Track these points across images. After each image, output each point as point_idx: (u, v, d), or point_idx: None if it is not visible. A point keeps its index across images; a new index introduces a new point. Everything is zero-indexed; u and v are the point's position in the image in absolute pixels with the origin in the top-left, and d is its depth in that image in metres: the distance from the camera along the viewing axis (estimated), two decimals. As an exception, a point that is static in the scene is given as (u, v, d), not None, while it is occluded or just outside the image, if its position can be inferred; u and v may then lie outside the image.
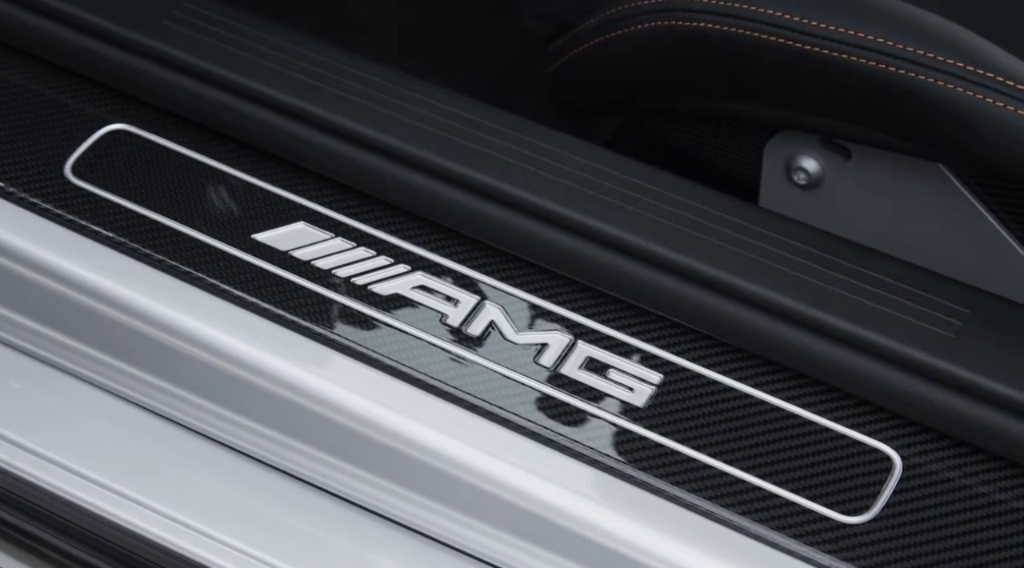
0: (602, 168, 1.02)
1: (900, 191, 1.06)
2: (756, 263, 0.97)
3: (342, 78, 1.06)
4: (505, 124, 1.04)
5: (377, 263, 1.01)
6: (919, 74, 0.97)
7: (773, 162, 1.10)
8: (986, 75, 0.96)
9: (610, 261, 0.98)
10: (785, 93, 1.05)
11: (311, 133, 1.04)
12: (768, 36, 1.02)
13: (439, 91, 1.06)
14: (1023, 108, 0.95)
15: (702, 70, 1.08)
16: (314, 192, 1.04)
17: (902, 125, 1.01)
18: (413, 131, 1.03)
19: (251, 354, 0.98)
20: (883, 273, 0.96)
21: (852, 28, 0.99)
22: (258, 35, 1.09)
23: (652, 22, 1.07)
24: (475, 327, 0.98)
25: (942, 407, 0.91)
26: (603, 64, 1.13)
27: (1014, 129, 0.95)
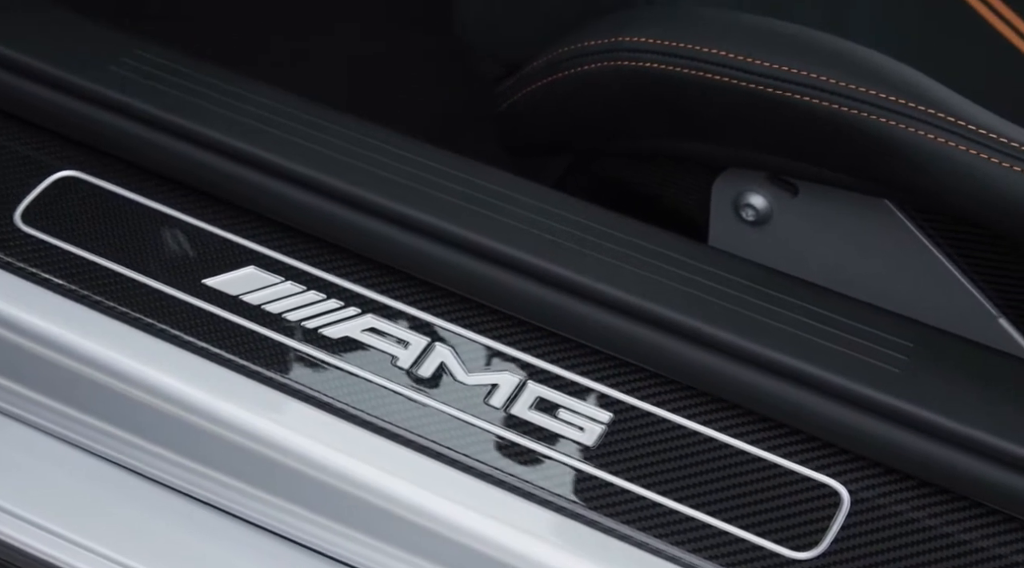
0: (550, 208, 1.03)
1: (847, 226, 1.07)
2: (703, 301, 0.98)
3: (292, 122, 1.06)
4: (454, 166, 1.05)
5: (327, 306, 1.01)
6: (862, 111, 0.98)
7: (721, 199, 1.11)
8: (927, 111, 0.97)
9: (559, 301, 0.99)
10: (731, 131, 1.06)
11: (261, 177, 1.04)
12: (713, 75, 1.03)
13: (388, 134, 1.07)
14: (963, 143, 0.96)
15: (649, 109, 1.09)
16: (264, 236, 1.05)
17: (846, 162, 1.02)
18: (362, 174, 1.03)
19: (202, 399, 0.98)
20: (829, 309, 0.97)
21: (796, 66, 1.00)
22: (208, 80, 1.10)
23: (599, 62, 1.08)
24: (425, 369, 0.99)
25: (888, 442, 0.91)
26: (551, 104, 1.14)
27: (955, 164, 0.96)
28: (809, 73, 1.00)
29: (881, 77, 0.99)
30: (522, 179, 1.06)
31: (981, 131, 0.96)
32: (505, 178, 1.05)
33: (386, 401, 0.97)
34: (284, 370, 0.99)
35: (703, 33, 1.05)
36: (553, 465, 0.94)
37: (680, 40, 1.05)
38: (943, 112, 0.97)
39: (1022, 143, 0.96)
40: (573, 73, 1.10)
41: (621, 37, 1.08)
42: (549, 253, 0.99)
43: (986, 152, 0.95)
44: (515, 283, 0.99)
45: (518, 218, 1.02)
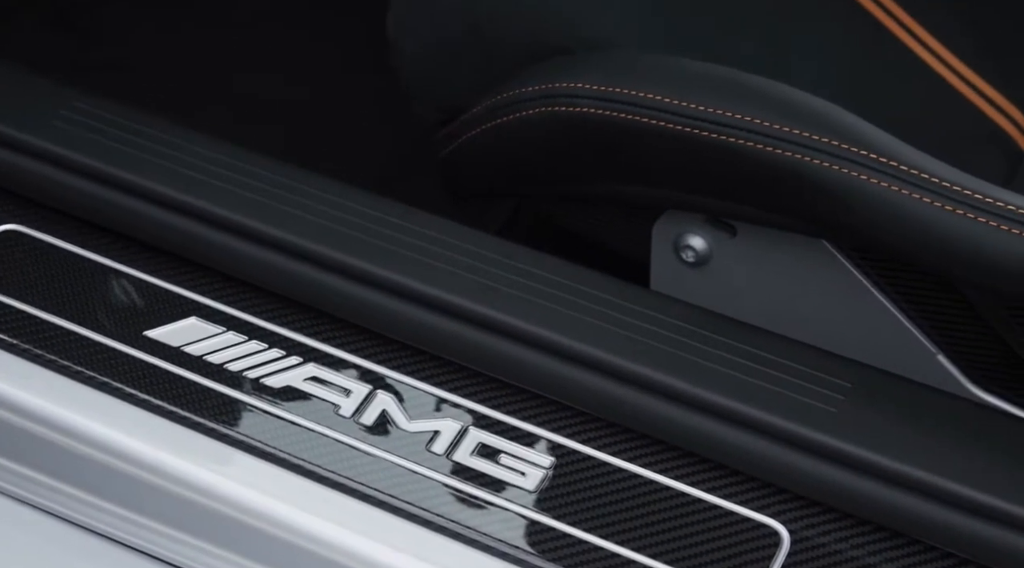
0: (490, 255, 1.03)
1: (786, 266, 1.08)
2: (643, 344, 0.98)
3: (231, 172, 1.07)
4: (394, 214, 1.06)
5: (269, 356, 1.02)
6: (796, 153, 0.99)
7: (661, 241, 1.12)
8: (860, 153, 0.98)
9: (499, 347, 0.99)
10: (668, 174, 1.07)
11: (201, 229, 1.04)
12: (649, 119, 1.04)
13: (329, 182, 1.07)
14: (895, 183, 0.97)
15: (587, 154, 1.10)
16: (205, 287, 1.05)
17: (782, 204, 1.03)
18: (302, 223, 1.04)
19: (145, 451, 0.98)
20: (768, 350, 0.98)
21: (730, 110, 1.01)
22: (149, 132, 1.10)
23: (536, 108, 1.09)
24: (367, 417, 0.99)
25: (826, 481, 0.92)
26: (491, 150, 1.15)
27: (887, 204, 0.97)
28: (744, 116, 1.01)
29: (815, 119, 1.00)
30: (463, 226, 1.06)
31: (912, 171, 0.97)
32: (446, 225, 1.05)
33: (329, 450, 0.97)
34: (227, 421, 0.99)
35: (639, 78, 1.06)
36: (495, 511, 0.95)
37: (617, 85, 1.06)
38: (876, 153, 0.98)
39: (952, 182, 0.97)
40: (511, 119, 1.11)
41: (558, 83, 1.08)
42: (488, 299, 1.00)
43: (917, 192, 0.97)
44: (455, 329, 0.99)
45: (458, 265, 1.02)
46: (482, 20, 1.14)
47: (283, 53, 1.67)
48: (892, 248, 1.00)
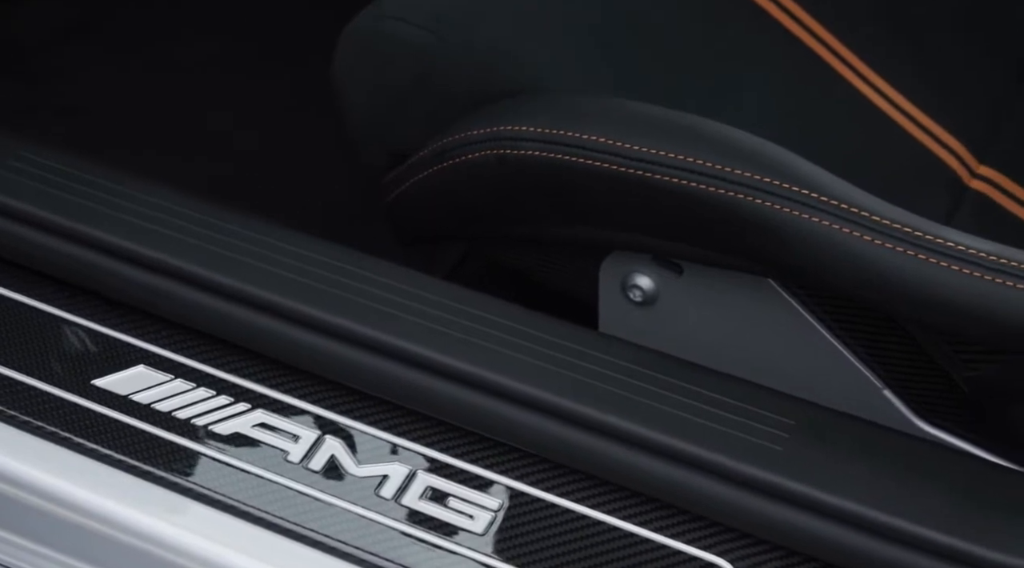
0: (437, 299, 1.04)
1: (732, 305, 1.09)
2: (590, 386, 0.99)
3: (178, 219, 1.07)
4: (342, 259, 1.06)
5: (217, 403, 1.02)
6: (738, 193, 1.00)
7: (609, 281, 1.12)
8: (800, 192, 0.99)
9: (446, 390, 0.99)
10: (613, 215, 1.08)
11: (147, 276, 1.04)
12: (592, 161, 1.05)
13: (276, 228, 1.08)
14: (836, 221, 0.98)
15: (533, 196, 1.11)
16: (153, 334, 1.05)
17: (726, 243, 1.04)
18: (249, 269, 1.04)
19: (93, 501, 0.98)
20: (713, 390, 0.98)
21: (673, 151, 1.02)
22: (94, 181, 1.10)
23: (481, 151, 1.10)
24: (316, 462, 0.99)
25: (772, 518, 0.93)
26: (438, 193, 1.15)
27: (828, 243, 0.98)
28: (686, 157, 1.02)
29: (756, 159, 1.01)
30: (410, 270, 1.06)
31: (852, 209, 0.98)
32: (394, 270, 1.06)
33: (278, 496, 0.97)
34: (176, 469, 0.99)
35: (584, 120, 1.07)
36: (444, 554, 0.95)
37: (561, 127, 1.07)
38: (816, 192, 0.99)
39: (892, 219, 0.98)
40: (458, 162, 1.11)
41: (504, 126, 1.09)
42: (437, 343, 1.00)
43: (858, 229, 0.97)
44: (403, 374, 1.00)
45: (406, 310, 1.03)
46: (428, 67, 1.15)
47: (233, 96, 1.67)
48: (835, 286, 1.01)
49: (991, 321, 0.95)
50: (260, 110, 1.65)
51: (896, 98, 1.28)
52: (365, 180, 1.26)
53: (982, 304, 0.94)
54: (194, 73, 1.70)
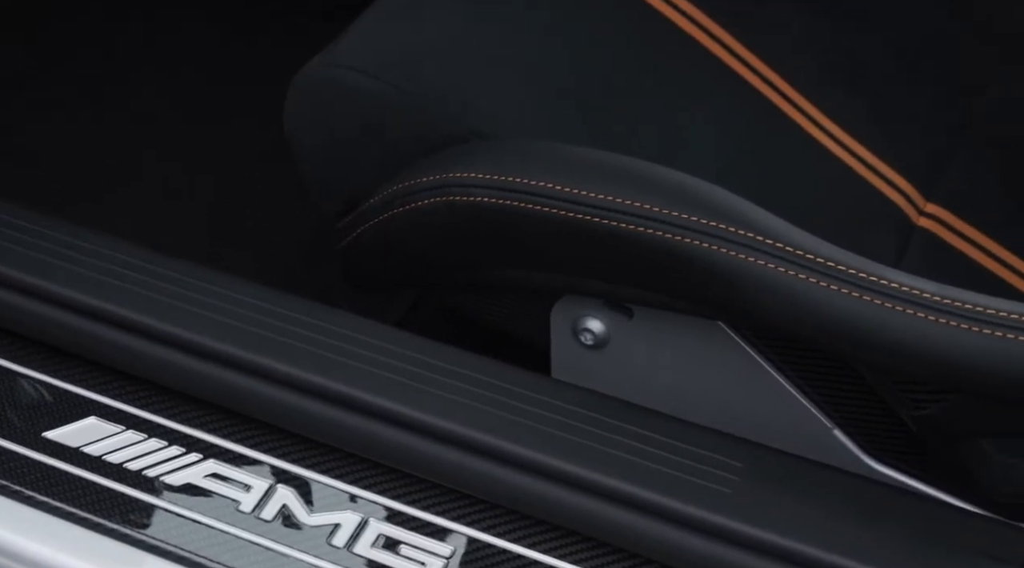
0: (389, 346, 1.04)
1: (683, 347, 1.10)
2: (541, 432, 0.99)
3: (128, 270, 1.07)
4: (293, 308, 1.06)
5: (169, 453, 1.02)
6: (685, 237, 1.01)
7: (560, 325, 1.13)
8: (747, 236, 1.00)
9: (396, 438, 1.00)
10: (562, 260, 1.08)
11: (98, 327, 1.05)
12: (541, 207, 1.05)
13: (225, 277, 1.08)
14: (782, 265, 0.99)
15: (483, 242, 1.11)
16: (104, 386, 1.05)
17: (674, 287, 1.04)
18: (198, 319, 1.04)
19: (44, 554, 0.98)
20: (663, 433, 0.99)
21: (620, 196, 1.03)
22: (45, 232, 1.10)
23: (431, 198, 1.10)
24: (267, 512, 0.99)
25: (722, 561, 0.93)
26: (389, 240, 1.16)
27: (776, 286, 0.99)
28: (633, 202, 1.02)
29: (703, 203, 1.02)
30: (361, 318, 1.07)
31: (798, 252, 0.99)
32: (344, 317, 1.06)
33: (230, 547, 0.97)
34: (128, 521, 0.99)
35: (531, 166, 1.08)
36: (397, 603, 0.95)
37: (509, 174, 1.08)
38: (763, 235, 1.00)
39: (837, 262, 0.99)
40: (407, 210, 1.12)
41: (452, 173, 1.10)
42: (387, 391, 1.00)
43: (803, 272, 0.98)
44: (354, 422, 1.00)
45: (357, 357, 1.03)
46: (378, 115, 1.15)
47: (189, 142, 1.67)
48: (783, 328, 1.02)
49: (935, 361, 0.95)
50: (215, 154, 1.66)
51: (844, 138, 1.29)
52: (325, 223, 1.26)
53: (926, 344, 0.95)
54: (148, 120, 1.70)
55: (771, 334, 1.06)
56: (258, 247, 1.51)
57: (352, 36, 1.17)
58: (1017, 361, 0.94)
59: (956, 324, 0.95)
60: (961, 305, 0.96)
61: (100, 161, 1.65)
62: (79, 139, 1.68)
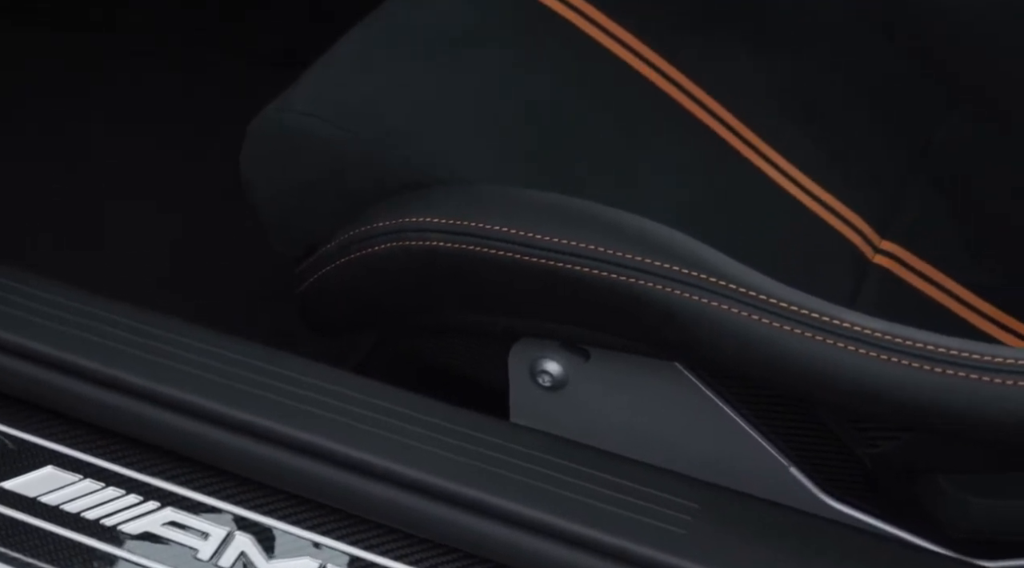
0: (347, 392, 1.04)
1: (640, 388, 1.10)
2: (499, 476, 0.99)
3: (83, 319, 1.07)
4: (250, 355, 1.07)
5: (127, 501, 1.02)
6: (639, 280, 1.02)
7: (518, 367, 1.14)
8: (701, 277, 1.01)
9: (358, 484, 1.00)
10: (519, 303, 1.09)
11: (53, 376, 1.05)
12: (497, 251, 1.06)
13: (180, 323, 1.08)
14: (736, 306, 1.00)
15: (440, 286, 1.12)
16: (61, 434, 1.05)
17: (630, 329, 1.05)
18: (153, 366, 1.04)
19: (2, 605, 0.98)
20: (618, 475, 0.99)
21: (575, 239, 1.04)
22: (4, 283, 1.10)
23: (388, 243, 1.11)
24: (226, 559, 0.99)
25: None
26: (347, 284, 1.16)
27: (730, 328, 0.99)
28: (588, 244, 1.03)
29: (657, 246, 1.03)
30: (320, 364, 1.07)
31: (751, 293, 1.00)
32: (302, 364, 1.06)
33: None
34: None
35: (487, 210, 1.09)
36: (355, 649, 0.95)
37: (465, 218, 1.08)
38: (716, 277, 1.01)
39: (790, 303, 0.99)
40: (365, 254, 1.13)
41: (408, 217, 1.10)
42: (345, 437, 1.01)
43: (757, 313, 0.99)
44: (312, 469, 1.00)
45: (316, 403, 1.03)
46: (335, 161, 1.16)
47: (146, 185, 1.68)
48: (738, 369, 1.02)
49: (887, 400, 0.96)
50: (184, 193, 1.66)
51: (799, 177, 1.30)
52: (283, 266, 1.27)
53: (878, 384, 0.96)
54: (108, 164, 1.70)
55: (727, 374, 1.07)
56: (219, 289, 1.51)
57: (307, 83, 1.18)
58: (968, 399, 0.95)
59: (907, 363, 0.96)
60: (912, 344, 0.96)
61: (60, 205, 1.65)
62: (39, 183, 1.68)
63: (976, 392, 0.94)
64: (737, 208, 1.26)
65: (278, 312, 1.31)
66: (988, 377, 0.94)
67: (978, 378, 0.94)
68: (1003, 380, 0.93)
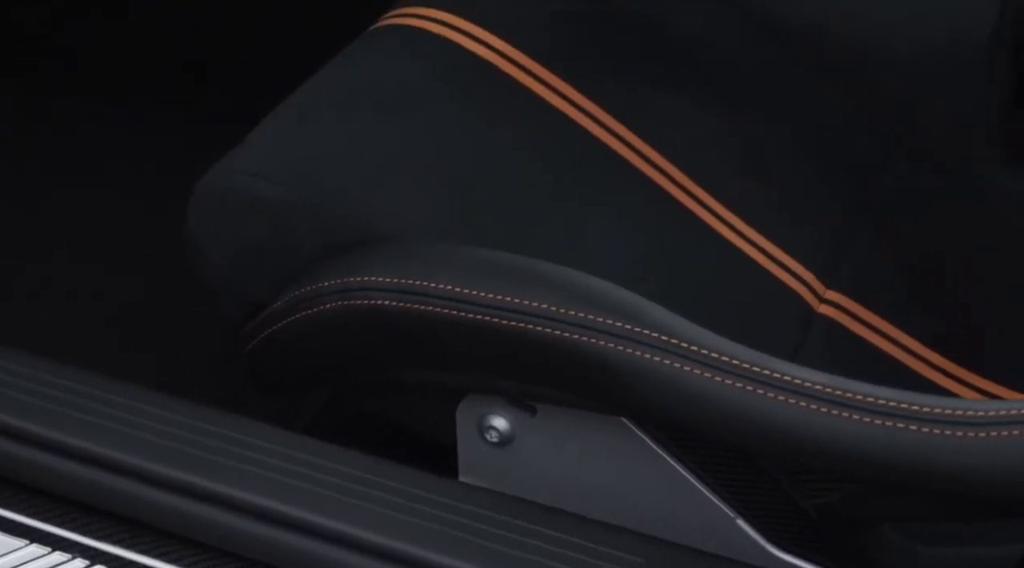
0: (296, 454, 1.05)
1: (586, 443, 1.11)
2: (447, 535, 1.00)
3: (26, 382, 1.07)
4: (199, 417, 1.07)
5: (74, 566, 1.02)
6: (581, 336, 1.02)
7: (465, 423, 1.14)
8: (642, 332, 1.02)
9: (307, 546, 1.00)
10: (464, 360, 1.10)
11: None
12: (441, 309, 1.07)
13: (126, 387, 1.08)
14: (678, 361, 1.00)
15: (387, 344, 1.13)
16: (8, 499, 1.05)
17: (574, 384, 1.06)
18: (99, 430, 1.04)
19: None
20: (565, 532, 1.00)
21: (515, 295, 1.05)
22: None
23: (333, 303, 1.11)
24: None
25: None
26: (294, 343, 1.17)
27: (671, 382, 1.00)
28: (528, 301, 1.04)
29: (597, 301, 1.04)
30: (268, 425, 1.07)
31: (694, 348, 1.01)
32: (251, 426, 1.07)
33: (136, 659, 0.97)
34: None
35: (431, 268, 1.09)
36: None
37: (409, 277, 1.09)
38: (657, 331, 1.02)
39: (732, 357, 1.00)
40: (311, 313, 1.13)
41: (354, 277, 1.11)
42: (290, 497, 1.01)
43: (698, 367, 1.00)
44: (256, 529, 1.00)
45: (264, 465, 1.03)
46: (281, 221, 1.16)
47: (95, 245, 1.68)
48: (682, 424, 1.03)
49: (829, 453, 0.97)
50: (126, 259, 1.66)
51: (745, 230, 1.31)
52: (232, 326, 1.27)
53: (819, 436, 0.97)
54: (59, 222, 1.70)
55: (672, 428, 1.07)
56: (167, 350, 1.51)
57: (252, 143, 1.18)
58: (908, 450, 0.95)
59: (847, 415, 0.96)
60: (852, 396, 0.97)
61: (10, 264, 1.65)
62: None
63: (918, 444, 0.95)
64: (684, 262, 1.27)
65: (226, 373, 1.31)
66: (929, 428, 0.95)
67: (917, 429, 0.94)
68: (953, 432, 0.94)
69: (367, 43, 1.29)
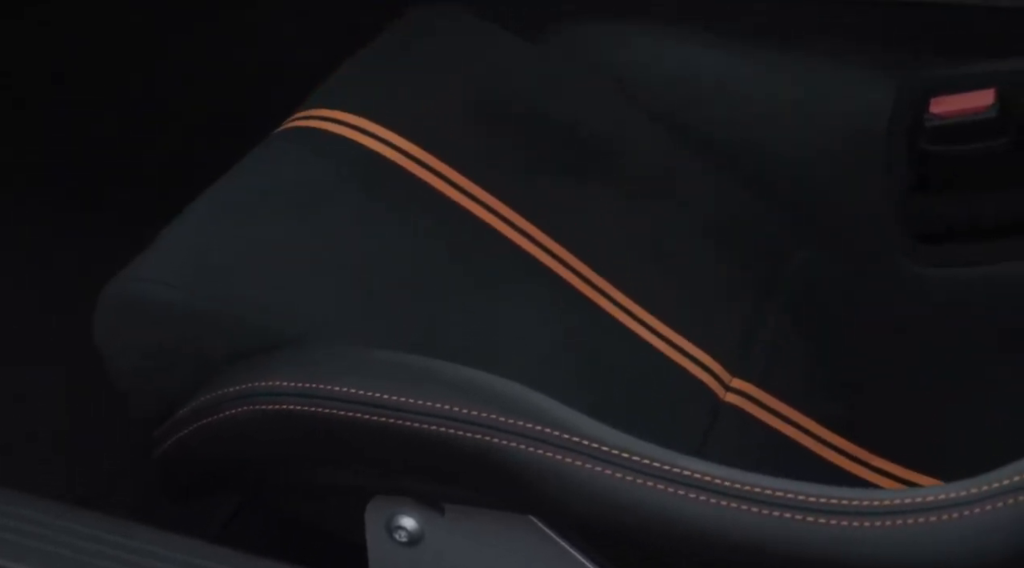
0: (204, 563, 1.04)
1: (496, 541, 1.11)
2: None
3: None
4: (103, 528, 1.06)
5: None
6: (484, 435, 1.03)
7: (375, 523, 1.14)
8: (544, 431, 1.02)
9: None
10: (368, 461, 1.10)
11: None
12: (344, 412, 1.07)
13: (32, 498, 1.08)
14: (579, 458, 1.01)
15: (295, 446, 1.13)
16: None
17: (477, 483, 1.06)
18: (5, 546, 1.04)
19: None
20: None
21: (416, 397, 1.05)
22: None
23: (239, 408, 1.11)
24: None
25: None
26: (202, 448, 1.17)
27: (573, 480, 1.01)
28: (429, 402, 1.05)
29: (499, 401, 1.05)
30: (174, 535, 1.07)
31: (594, 445, 1.02)
32: (153, 534, 1.06)
33: None
34: None
35: (333, 371, 1.10)
36: None
37: (314, 381, 1.09)
38: (559, 430, 1.02)
39: (632, 453, 1.01)
40: (217, 419, 1.13)
41: (259, 382, 1.11)
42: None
43: (600, 465, 1.01)
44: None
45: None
46: (186, 327, 1.16)
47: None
48: (587, 521, 1.04)
49: (731, 547, 0.98)
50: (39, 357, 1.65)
51: (652, 323, 1.33)
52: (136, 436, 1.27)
53: (720, 531, 0.98)
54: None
55: (579, 526, 1.08)
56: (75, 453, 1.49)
57: (155, 249, 1.19)
58: (811, 542, 0.96)
59: (747, 508, 0.97)
60: (751, 489, 0.98)
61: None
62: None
63: (823, 535, 0.96)
64: (592, 356, 1.28)
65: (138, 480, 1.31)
66: (836, 520, 0.96)
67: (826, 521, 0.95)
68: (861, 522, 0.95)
69: (271, 146, 1.30)
